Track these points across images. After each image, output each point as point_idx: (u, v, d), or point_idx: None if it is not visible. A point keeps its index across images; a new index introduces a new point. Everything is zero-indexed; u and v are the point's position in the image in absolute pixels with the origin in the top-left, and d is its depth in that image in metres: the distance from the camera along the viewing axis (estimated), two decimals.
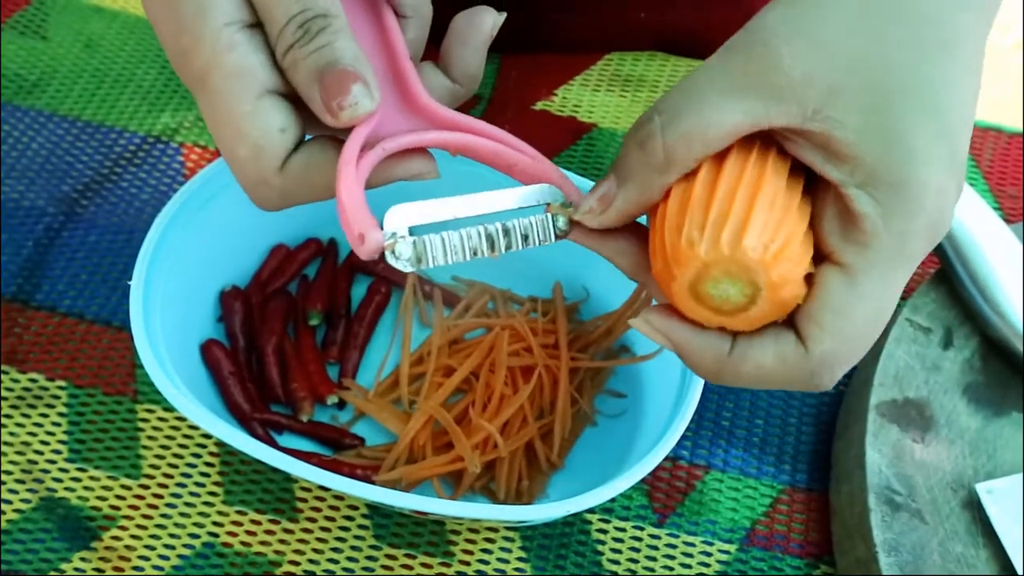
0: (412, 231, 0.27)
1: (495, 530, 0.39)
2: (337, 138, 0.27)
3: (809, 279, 0.26)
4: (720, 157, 0.26)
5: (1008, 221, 0.49)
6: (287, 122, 0.26)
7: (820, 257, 0.26)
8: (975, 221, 0.42)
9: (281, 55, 0.26)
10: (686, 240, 0.25)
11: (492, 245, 0.28)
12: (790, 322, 0.26)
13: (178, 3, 0.26)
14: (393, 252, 0.26)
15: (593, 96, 0.53)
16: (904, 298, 0.47)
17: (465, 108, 0.52)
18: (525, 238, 0.28)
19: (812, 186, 0.27)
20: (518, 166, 0.29)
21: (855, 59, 0.25)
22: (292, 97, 0.27)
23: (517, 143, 0.29)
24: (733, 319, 0.26)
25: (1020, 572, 0.35)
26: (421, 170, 0.28)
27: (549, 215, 0.28)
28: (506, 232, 0.28)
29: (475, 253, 0.27)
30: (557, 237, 0.29)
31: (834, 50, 0.25)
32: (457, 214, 0.28)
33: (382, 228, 0.26)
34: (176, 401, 0.34)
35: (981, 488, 0.37)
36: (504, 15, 0.30)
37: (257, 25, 0.27)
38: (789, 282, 0.25)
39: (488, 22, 0.29)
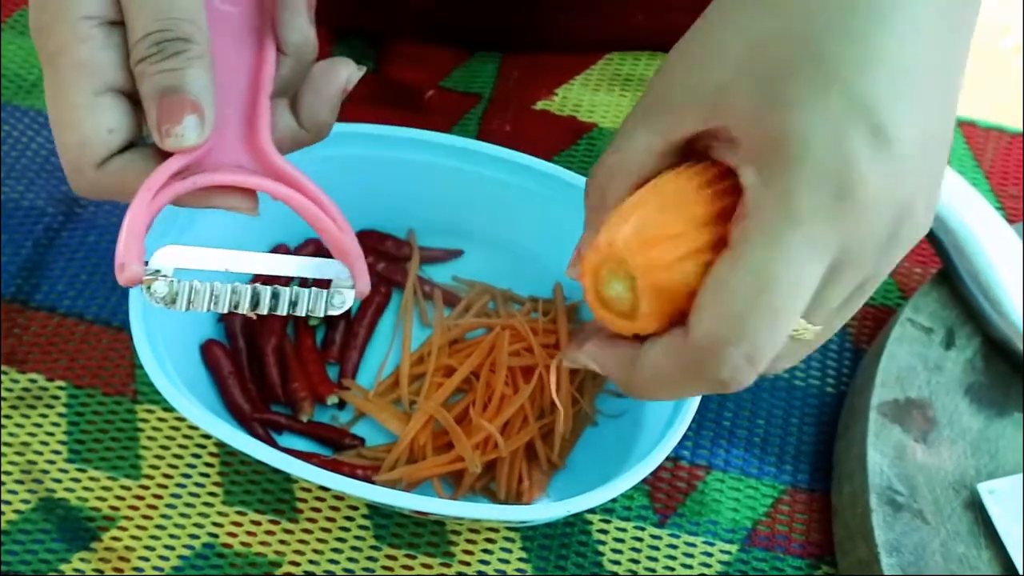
0: (178, 272, 0.29)
1: (496, 530, 0.39)
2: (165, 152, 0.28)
3: None
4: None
5: (1010, 221, 0.49)
6: (119, 124, 0.28)
7: None
8: (977, 221, 0.42)
9: (133, 63, 0.28)
10: (583, 250, 0.27)
11: (256, 304, 0.30)
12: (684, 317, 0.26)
13: None
14: (148, 288, 0.29)
15: (593, 96, 0.53)
16: (905, 298, 0.47)
17: (466, 107, 0.52)
18: (294, 304, 0.30)
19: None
20: (326, 233, 0.31)
21: (752, 43, 0.25)
22: (136, 99, 0.28)
23: (332, 210, 0.31)
24: (636, 322, 0.26)
25: (1021, 572, 0.35)
26: (239, 206, 0.30)
27: (327, 291, 0.30)
28: (275, 295, 0.30)
29: (235, 307, 0.30)
30: (329, 313, 0.30)
31: (728, 44, 0.25)
32: (231, 268, 0.30)
33: (147, 263, 0.29)
34: (176, 401, 0.34)
35: (983, 488, 0.37)
36: (363, 69, 0.32)
37: (119, 23, 0.28)
38: (661, 267, 0.25)
39: (343, 76, 0.31)
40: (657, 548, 0.39)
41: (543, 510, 0.34)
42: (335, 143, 0.43)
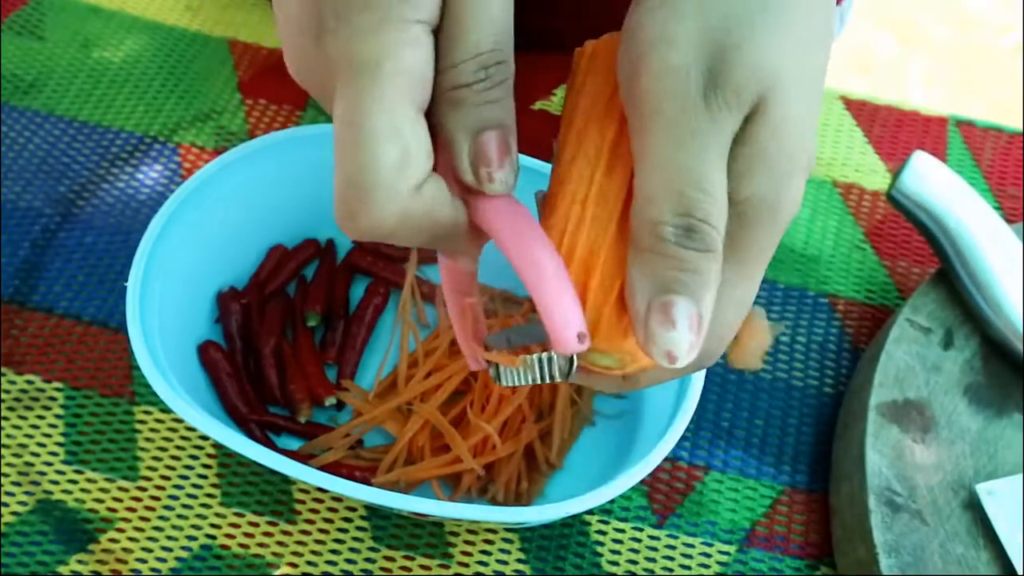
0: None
1: (494, 531, 0.39)
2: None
3: None
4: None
5: (1008, 221, 0.49)
6: (431, 148, 0.24)
7: None
8: (975, 221, 0.42)
9: (448, 87, 0.24)
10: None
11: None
12: None
13: None
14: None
15: None
16: (903, 298, 0.47)
17: None
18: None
19: None
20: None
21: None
22: None
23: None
24: (627, 371, 0.27)
25: (1020, 573, 0.35)
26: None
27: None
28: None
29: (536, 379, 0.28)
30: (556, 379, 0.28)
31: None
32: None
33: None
34: (172, 403, 0.34)
35: (982, 489, 0.37)
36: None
37: (436, 32, 0.24)
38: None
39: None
40: (655, 549, 0.39)
41: (541, 512, 0.34)
42: (332, 144, 0.43)
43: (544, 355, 0.27)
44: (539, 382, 0.27)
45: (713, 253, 0.24)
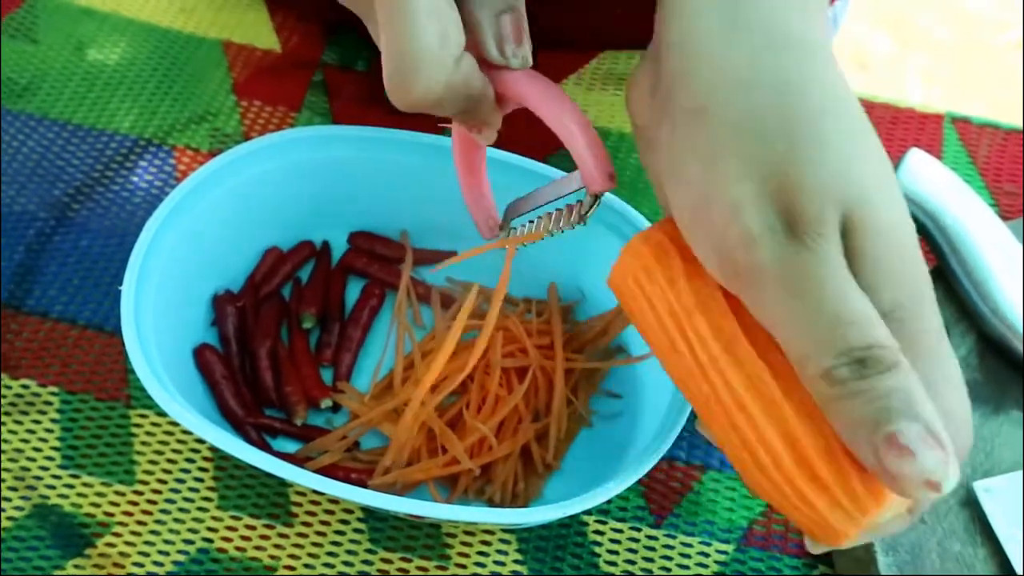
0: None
1: (491, 532, 0.39)
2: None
3: None
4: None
5: (1005, 218, 0.49)
6: (462, 26, 0.28)
7: None
8: (971, 218, 0.42)
9: None
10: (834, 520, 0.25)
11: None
12: None
13: None
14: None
15: (587, 95, 0.53)
16: None
17: None
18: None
19: None
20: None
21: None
22: None
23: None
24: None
25: (1018, 571, 0.35)
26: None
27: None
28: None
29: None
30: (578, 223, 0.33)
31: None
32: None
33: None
34: (168, 407, 0.34)
35: (979, 486, 0.37)
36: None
37: None
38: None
39: None
40: (653, 549, 0.39)
41: (538, 513, 0.34)
42: (327, 145, 0.43)
43: (571, 205, 0.32)
44: (556, 231, 0.33)
45: (898, 366, 0.23)
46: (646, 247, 0.28)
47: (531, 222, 0.36)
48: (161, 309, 0.38)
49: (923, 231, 0.43)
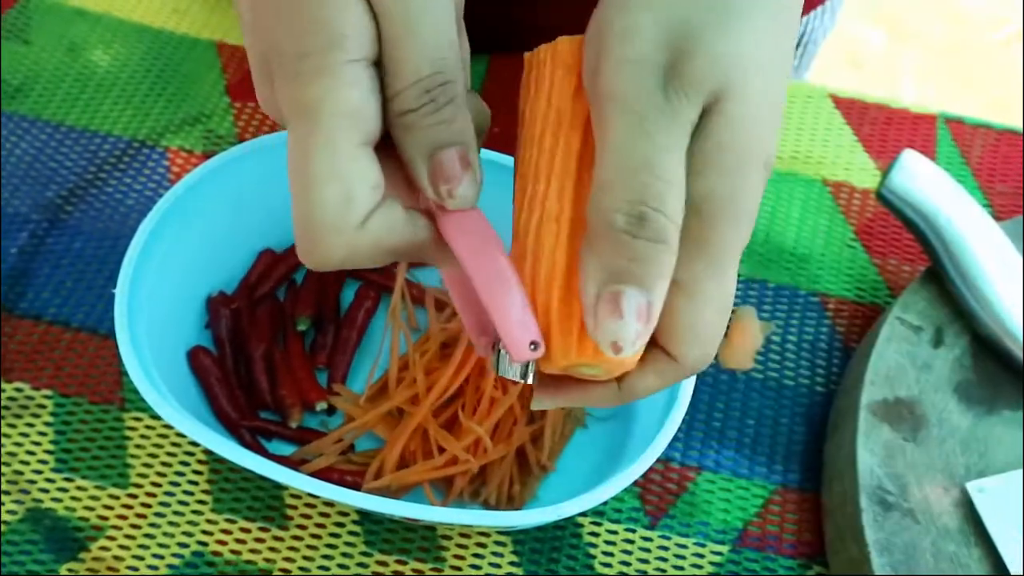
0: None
1: (487, 534, 0.39)
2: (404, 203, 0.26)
3: None
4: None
5: (998, 218, 0.49)
6: (379, 179, 0.25)
7: None
8: (964, 219, 0.42)
9: (396, 113, 0.25)
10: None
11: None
12: (654, 341, 0.26)
13: (300, 29, 0.25)
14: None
15: None
16: (894, 296, 0.47)
17: None
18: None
19: None
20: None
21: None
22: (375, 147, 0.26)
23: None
24: (611, 377, 0.27)
25: (1012, 571, 0.35)
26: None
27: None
28: None
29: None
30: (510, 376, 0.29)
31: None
32: None
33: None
34: (161, 410, 0.34)
35: (972, 487, 0.37)
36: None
37: (378, 63, 0.25)
38: (631, 359, 0.26)
39: None
40: (648, 550, 0.39)
41: (533, 515, 0.34)
42: None
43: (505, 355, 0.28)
44: (520, 381, 0.28)
45: (665, 244, 0.24)
46: (572, 45, 0.28)
47: None
48: (155, 312, 0.38)
49: (917, 232, 0.43)
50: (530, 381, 0.28)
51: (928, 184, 0.42)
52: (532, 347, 0.26)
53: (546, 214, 0.26)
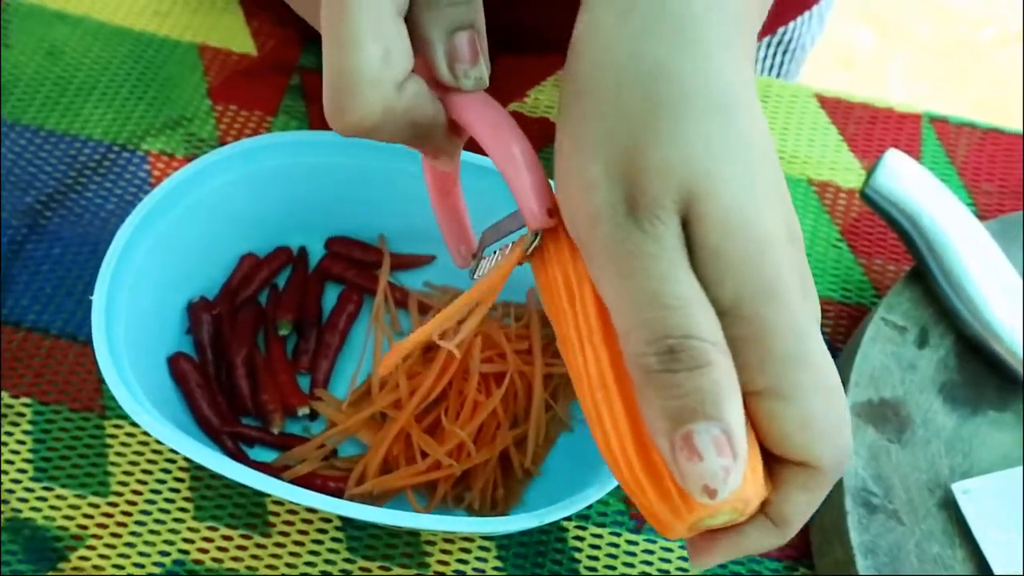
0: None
1: (471, 539, 0.39)
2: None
3: None
4: None
5: (982, 218, 0.49)
6: (410, 50, 0.26)
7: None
8: (948, 219, 0.42)
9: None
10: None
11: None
12: (781, 459, 0.25)
13: None
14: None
15: None
16: (879, 296, 0.47)
17: None
18: None
19: None
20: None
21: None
22: None
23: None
24: (740, 515, 0.25)
25: (995, 571, 0.35)
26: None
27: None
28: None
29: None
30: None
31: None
32: None
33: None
34: (140, 418, 0.33)
35: (957, 488, 0.37)
36: None
37: None
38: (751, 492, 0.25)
39: None
40: (634, 554, 0.39)
41: (517, 521, 0.34)
42: (303, 149, 0.43)
43: (515, 235, 0.29)
44: (510, 265, 0.29)
45: (709, 365, 0.23)
46: (550, 239, 0.28)
47: (497, 252, 0.33)
48: (134, 318, 0.38)
49: (901, 232, 0.43)
50: (529, 251, 0.28)
51: (912, 184, 0.42)
52: (549, 214, 0.27)
53: (593, 383, 0.26)
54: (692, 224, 0.24)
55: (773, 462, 0.25)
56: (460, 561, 0.38)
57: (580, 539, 0.39)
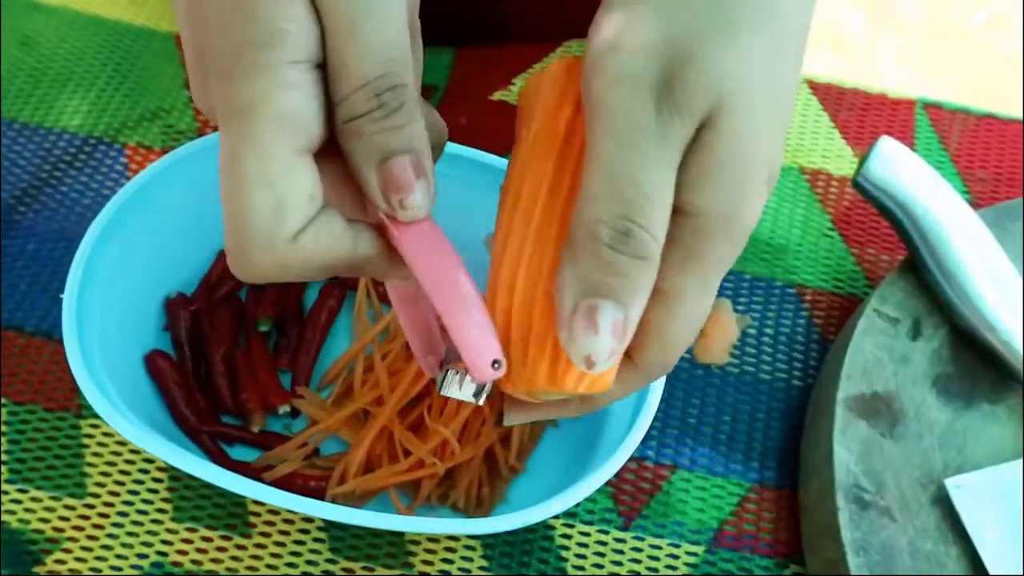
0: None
1: (456, 538, 0.38)
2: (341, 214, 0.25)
3: None
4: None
5: (976, 205, 0.48)
6: (316, 190, 0.24)
7: None
8: (942, 208, 0.41)
9: (343, 119, 0.24)
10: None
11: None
12: None
13: (238, 23, 0.23)
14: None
15: None
16: (872, 287, 0.46)
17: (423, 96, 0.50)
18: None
19: None
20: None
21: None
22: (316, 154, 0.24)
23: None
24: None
25: (989, 569, 0.34)
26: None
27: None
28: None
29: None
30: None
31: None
32: None
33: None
34: (112, 420, 0.32)
35: (950, 483, 0.36)
36: None
37: (322, 65, 0.24)
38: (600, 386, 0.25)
39: None
40: (622, 552, 0.38)
41: (501, 522, 0.33)
42: None
43: (461, 372, 0.27)
44: (472, 401, 0.27)
45: (647, 260, 0.24)
46: (561, 67, 0.27)
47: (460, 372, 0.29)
48: (109, 315, 0.37)
49: (894, 222, 0.42)
50: (481, 402, 0.27)
51: (905, 172, 0.41)
52: (495, 366, 0.25)
53: (528, 231, 0.25)
54: (705, 129, 0.24)
55: None
56: (445, 561, 0.37)
57: (567, 537, 0.38)
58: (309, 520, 0.38)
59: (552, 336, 0.25)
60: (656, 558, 0.38)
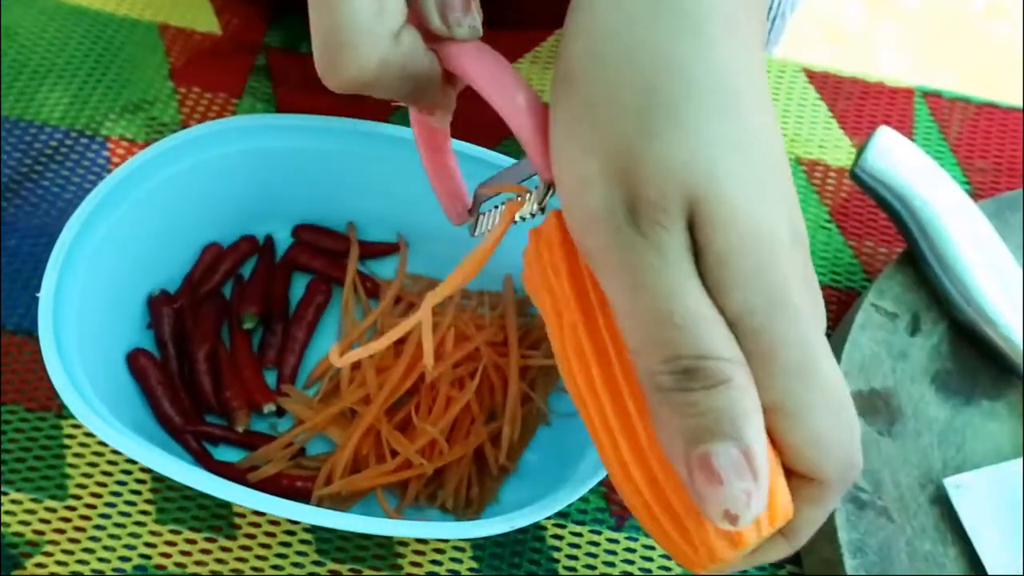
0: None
1: (445, 540, 0.37)
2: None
3: None
4: None
5: (976, 196, 0.48)
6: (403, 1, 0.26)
7: None
8: (941, 200, 0.40)
9: None
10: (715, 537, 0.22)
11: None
12: (792, 472, 0.24)
13: None
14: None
15: (544, 73, 0.51)
16: (870, 280, 0.45)
17: None
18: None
19: None
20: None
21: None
22: None
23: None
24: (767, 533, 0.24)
25: (988, 570, 0.34)
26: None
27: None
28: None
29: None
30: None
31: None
32: None
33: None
34: (89, 421, 0.32)
35: (949, 483, 0.35)
36: None
37: None
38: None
39: None
40: (614, 552, 0.37)
41: (490, 526, 0.32)
42: (269, 134, 0.41)
43: (531, 191, 0.28)
44: (515, 221, 0.28)
45: (728, 382, 0.21)
46: (534, 236, 0.27)
47: (496, 207, 0.32)
48: (89, 313, 0.36)
49: (892, 213, 0.41)
50: (544, 214, 0.27)
51: (903, 163, 0.41)
52: None
53: (608, 415, 0.24)
54: (698, 227, 0.22)
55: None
56: (434, 562, 0.37)
57: (559, 538, 0.38)
58: (295, 521, 0.37)
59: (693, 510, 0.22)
60: (650, 559, 0.37)
